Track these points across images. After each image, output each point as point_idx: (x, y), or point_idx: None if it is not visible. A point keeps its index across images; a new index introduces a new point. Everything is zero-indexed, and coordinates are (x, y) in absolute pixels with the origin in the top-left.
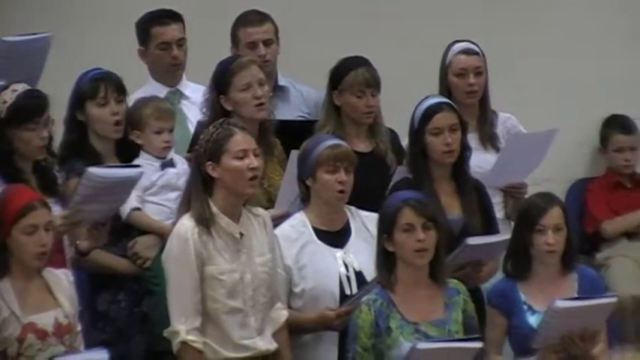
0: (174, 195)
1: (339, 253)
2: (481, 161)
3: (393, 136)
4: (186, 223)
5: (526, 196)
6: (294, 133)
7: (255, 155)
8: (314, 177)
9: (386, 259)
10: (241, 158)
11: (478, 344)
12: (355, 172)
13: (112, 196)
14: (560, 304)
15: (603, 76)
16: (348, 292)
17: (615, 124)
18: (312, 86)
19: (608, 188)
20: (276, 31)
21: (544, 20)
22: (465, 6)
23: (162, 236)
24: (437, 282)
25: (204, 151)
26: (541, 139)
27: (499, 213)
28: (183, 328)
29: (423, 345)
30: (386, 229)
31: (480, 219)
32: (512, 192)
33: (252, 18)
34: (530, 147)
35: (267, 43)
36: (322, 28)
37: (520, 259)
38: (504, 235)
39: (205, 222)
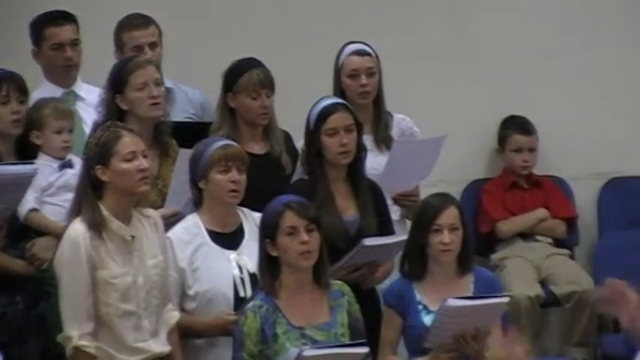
0: (72, 196)
1: (232, 255)
2: (376, 163)
3: (287, 137)
4: (78, 228)
5: (422, 197)
6: (189, 134)
7: (144, 156)
8: (206, 178)
9: (269, 264)
10: (130, 160)
11: (364, 349)
12: (250, 174)
13: (7, 194)
14: (453, 302)
15: (502, 76)
16: (242, 294)
17: (514, 124)
18: (197, 88)
19: (505, 188)
20: (160, 34)
21: (439, 20)
22: (359, 6)
23: (60, 237)
24: (321, 285)
25: (93, 154)
26: (430, 145)
27: (395, 214)
28: (75, 333)
29: (309, 351)
30: (268, 233)
31: (376, 220)
32: (402, 200)
33: (136, 21)
34: (419, 154)
35: (152, 46)
36: (211, 29)
37: (416, 259)
38: (400, 236)
39: (96, 226)
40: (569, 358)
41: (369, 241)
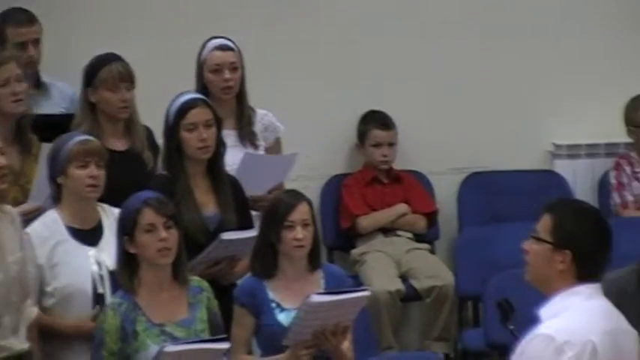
0: None
1: (91, 251)
2: (239, 158)
3: (149, 133)
4: None
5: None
6: (53, 127)
7: (1, 154)
8: (65, 174)
9: (128, 262)
10: None
11: (225, 345)
12: (112, 171)
13: None
14: (315, 298)
15: (361, 71)
16: (100, 290)
17: (373, 119)
18: (68, 82)
19: (365, 183)
20: (41, 31)
21: (301, 16)
22: (222, 1)
23: None
24: (180, 282)
25: None
26: (280, 161)
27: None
28: None
29: (170, 347)
30: (127, 230)
31: (236, 215)
32: (254, 204)
33: (21, 17)
34: (269, 167)
35: (35, 42)
36: (74, 24)
37: (267, 257)
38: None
39: None
40: (430, 352)
41: (227, 235)
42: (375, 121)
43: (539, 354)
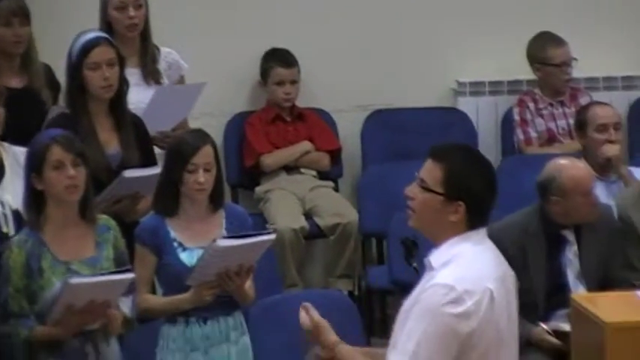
0: None
1: None
2: (144, 97)
3: (48, 70)
4: None
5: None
6: None
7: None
8: None
9: (35, 198)
10: None
11: (130, 275)
12: (8, 108)
13: None
14: (222, 243)
15: (264, 8)
16: (4, 230)
17: (275, 57)
18: None
19: (268, 122)
20: None
21: None
22: None
23: None
24: (87, 220)
25: None
26: (190, 91)
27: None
28: None
29: (74, 279)
30: (35, 167)
31: (138, 153)
32: (158, 141)
33: None
34: (179, 98)
35: None
36: None
37: (170, 196)
38: (160, 168)
39: None
40: (334, 290)
41: (129, 173)
42: (277, 58)
43: (439, 303)
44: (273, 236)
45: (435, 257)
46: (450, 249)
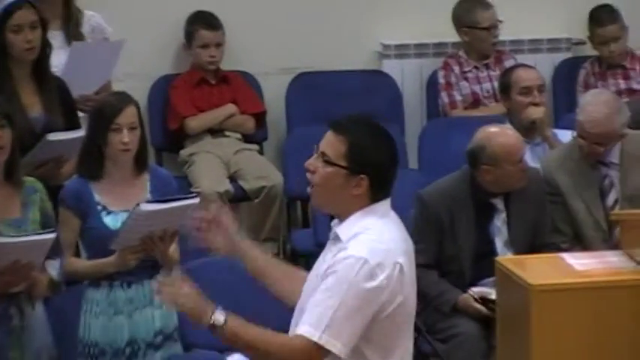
0: None
1: None
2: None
3: None
4: None
5: None
6: None
7: None
8: None
9: None
10: None
11: (52, 235)
12: None
13: None
14: (145, 207)
15: None
16: None
17: (200, 19)
18: None
19: (192, 85)
20: None
21: None
22: None
23: None
24: (13, 182)
25: None
26: (108, 48)
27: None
28: None
29: None
30: None
31: (62, 116)
32: (81, 104)
33: None
34: (97, 57)
35: None
36: None
37: (94, 159)
38: (84, 131)
39: None
40: None
41: (53, 136)
42: (201, 21)
43: (353, 276)
44: (196, 200)
45: (342, 230)
46: (357, 222)
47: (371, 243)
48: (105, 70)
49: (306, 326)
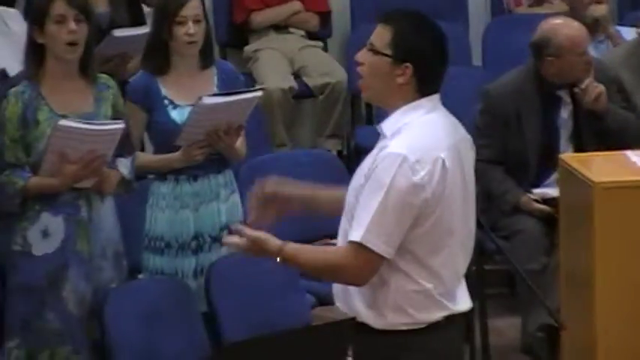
0: None
1: None
2: None
3: None
4: None
5: None
6: None
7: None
8: None
9: (35, 51)
10: None
11: (120, 125)
12: None
13: None
14: (207, 100)
15: None
16: None
17: None
18: None
19: None
20: None
21: None
22: None
23: None
24: (87, 76)
25: None
26: None
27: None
28: None
29: (64, 121)
30: (37, 20)
31: (128, 12)
32: None
33: None
34: None
35: None
36: None
37: (160, 54)
38: (150, 27)
39: None
40: (322, 149)
41: (118, 32)
42: None
43: (393, 174)
44: (259, 93)
45: (387, 125)
46: (401, 117)
47: (410, 139)
48: None
49: (352, 230)
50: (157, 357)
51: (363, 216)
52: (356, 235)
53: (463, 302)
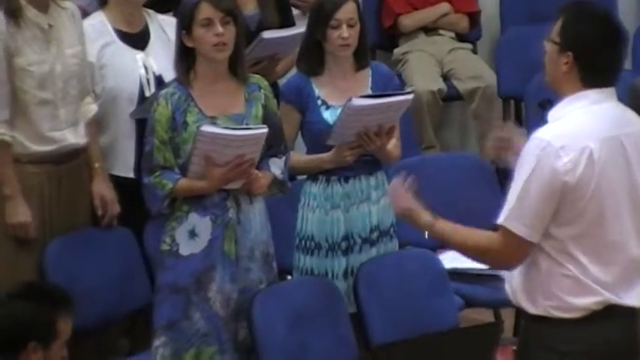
0: None
1: (139, 54)
2: None
3: None
4: None
5: None
6: None
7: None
8: None
9: (185, 56)
10: None
11: (263, 130)
12: None
13: None
14: (357, 102)
15: None
16: (147, 94)
17: None
18: None
19: None
20: None
21: None
22: None
23: None
24: (237, 77)
25: None
26: None
27: (296, 10)
28: None
29: (206, 127)
30: (185, 24)
31: (277, 14)
32: (295, 1)
33: None
34: None
35: None
36: None
37: (314, 55)
38: (299, 28)
39: (12, 13)
40: (470, 152)
41: (268, 34)
42: None
43: (535, 157)
44: (410, 96)
45: (553, 112)
46: (566, 106)
47: (561, 126)
48: None
49: (503, 210)
50: (305, 358)
51: (509, 199)
52: (501, 218)
53: (632, 297)
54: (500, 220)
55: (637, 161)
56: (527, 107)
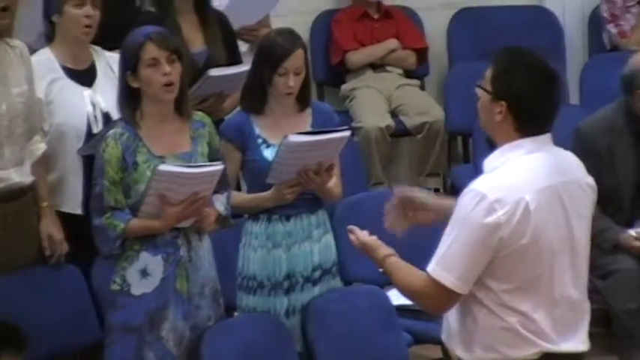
0: None
1: (87, 91)
2: None
3: None
4: None
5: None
6: None
7: None
8: (60, 12)
9: (130, 96)
10: None
11: (220, 167)
12: (101, 9)
13: None
14: (293, 138)
15: None
16: (95, 130)
17: None
18: None
19: (355, 19)
20: None
21: None
22: None
23: None
24: (182, 115)
25: None
26: None
27: (244, 46)
28: None
29: (163, 166)
30: (130, 65)
31: (224, 51)
32: (245, 35)
33: None
34: None
35: None
36: None
37: (257, 94)
38: (246, 65)
39: None
40: (423, 188)
41: (214, 72)
42: None
43: (469, 211)
44: (347, 133)
45: (488, 162)
46: (502, 155)
47: (495, 178)
48: (268, 3)
49: (431, 262)
50: None
51: (440, 248)
52: (430, 267)
53: (570, 342)
54: (429, 268)
55: (574, 210)
56: (476, 143)
